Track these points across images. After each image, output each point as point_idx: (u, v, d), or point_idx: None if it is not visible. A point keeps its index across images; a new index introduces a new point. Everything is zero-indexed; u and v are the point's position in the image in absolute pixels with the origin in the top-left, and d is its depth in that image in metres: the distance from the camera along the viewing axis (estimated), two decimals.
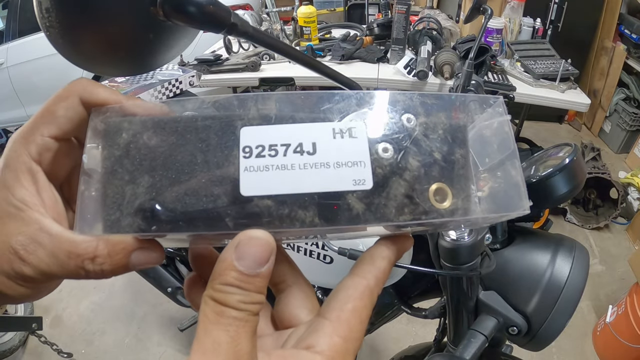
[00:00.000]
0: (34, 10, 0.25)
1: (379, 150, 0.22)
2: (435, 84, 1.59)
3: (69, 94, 0.22)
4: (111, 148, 0.21)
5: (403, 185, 0.22)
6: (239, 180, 0.20)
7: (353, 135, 0.22)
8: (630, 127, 2.56)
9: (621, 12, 2.58)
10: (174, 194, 0.20)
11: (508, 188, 0.24)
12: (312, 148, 0.21)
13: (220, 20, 0.30)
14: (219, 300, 0.19)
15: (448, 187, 0.23)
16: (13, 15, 2.98)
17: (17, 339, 1.57)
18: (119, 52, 0.29)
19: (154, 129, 0.21)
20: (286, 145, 0.21)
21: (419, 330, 1.63)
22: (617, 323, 1.44)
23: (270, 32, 1.89)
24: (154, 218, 0.20)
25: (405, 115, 0.23)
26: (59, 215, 0.23)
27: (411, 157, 0.22)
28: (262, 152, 0.21)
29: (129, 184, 0.21)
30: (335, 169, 0.21)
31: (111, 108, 0.22)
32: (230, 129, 0.21)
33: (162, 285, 1.30)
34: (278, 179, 0.21)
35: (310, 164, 0.21)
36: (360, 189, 0.21)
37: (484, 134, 0.25)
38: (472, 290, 0.55)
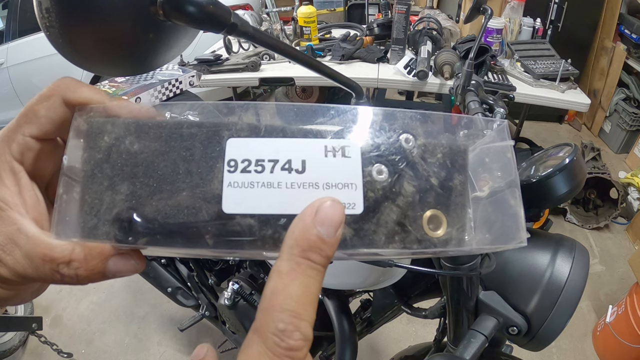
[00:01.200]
0: (34, 10, 0.25)
1: (372, 172, 0.20)
2: (435, 84, 1.59)
3: (51, 94, 0.22)
4: (92, 150, 0.20)
5: (395, 211, 0.20)
6: (222, 196, 0.19)
7: (346, 154, 0.20)
8: (630, 127, 2.56)
9: (621, 12, 2.58)
10: (153, 205, 0.19)
11: (506, 218, 0.23)
12: (301, 166, 0.20)
13: (220, 20, 0.30)
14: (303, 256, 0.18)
15: (443, 214, 0.21)
16: (13, 15, 2.99)
17: (17, 339, 1.57)
18: (119, 52, 0.29)
19: (137, 134, 0.20)
20: (274, 161, 0.20)
21: (419, 330, 1.63)
22: (617, 323, 1.44)
23: (270, 32, 1.89)
24: (131, 229, 0.19)
25: (404, 135, 0.21)
26: (40, 215, 0.22)
27: (406, 181, 0.21)
28: (247, 167, 0.20)
29: (107, 190, 0.20)
30: (324, 190, 0.20)
31: (95, 108, 0.22)
32: (217, 139, 0.20)
33: (162, 285, 1.30)
34: (263, 197, 0.19)
35: (298, 184, 0.20)
36: (349, 213, 0.20)
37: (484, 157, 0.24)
38: (472, 290, 0.55)
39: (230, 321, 1.05)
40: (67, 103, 0.22)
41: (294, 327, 0.17)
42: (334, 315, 0.82)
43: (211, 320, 1.29)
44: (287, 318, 0.17)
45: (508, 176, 0.23)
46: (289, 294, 0.18)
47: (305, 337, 0.17)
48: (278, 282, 0.18)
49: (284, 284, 0.18)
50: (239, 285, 0.95)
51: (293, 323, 0.17)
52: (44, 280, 0.21)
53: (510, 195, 0.23)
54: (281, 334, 0.17)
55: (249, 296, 0.94)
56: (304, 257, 0.18)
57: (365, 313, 0.97)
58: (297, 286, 0.18)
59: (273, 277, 0.18)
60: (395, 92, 3.35)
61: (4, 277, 0.21)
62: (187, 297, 1.30)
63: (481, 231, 0.22)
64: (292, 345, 0.17)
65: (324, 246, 0.18)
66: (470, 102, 0.74)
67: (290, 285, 0.18)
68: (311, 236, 0.18)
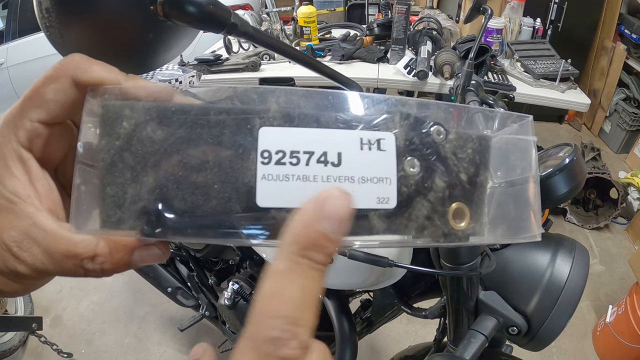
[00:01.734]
0: (34, 10, 0.25)
1: (405, 166, 0.20)
2: (435, 84, 1.59)
3: (59, 74, 0.20)
4: (110, 138, 0.19)
5: (426, 206, 0.20)
6: (256, 189, 0.18)
7: (382, 147, 0.20)
8: (630, 127, 2.56)
9: (621, 12, 2.58)
10: (182, 198, 0.18)
11: (522, 212, 0.22)
12: (337, 159, 0.19)
13: (220, 20, 0.30)
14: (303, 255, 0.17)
15: (467, 207, 0.21)
16: (13, 15, 2.98)
17: (17, 339, 1.57)
18: (119, 51, 0.29)
19: (159, 119, 0.19)
20: (309, 153, 0.19)
21: (419, 330, 1.63)
22: (617, 323, 1.44)
23: (270, 32, 1.89)
24: (158, 222, 0.18)
25: (435, 127, 0.21)
26: (54, 204, 0.21)
27: (437, 176, 0.21)
28: (282, 159, 0.19)
29: (131, 182, 0.19)
30: (359, 184, 0.19)
31: (110, 89, 0.20)
32: (248, 127, 0.19)
33: (162, 285, 1.30)
34: (299, 190, 0.19)
35: (334, 177, 0.19)
36: (383, 208, 0.19)
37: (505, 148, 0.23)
38: (472, 290, 0.55)
39: (230, 321, 1.05)
40: (77, 84, 0.20)
41: (291, 335, 0.15)
42: (334, 315, 0.82)
43: (211, 320, 1.29)
44: (282, 325, 0.15)
45: (528, 171, 0.23)
46: (285, 298, 0.16)
47: (303, 346, 0.16)
48: (274, 284, 0.16)
49: (281, 287, 0.16)
50: (239, 285, 0.95)
51: (290, 331, 0.15)
52: (66, 275, 0.20)
53: (527, 190, 0.23)
54: (276, 342, 0.15)
55: (249, 296, 0.94)
56: (304, 256, 0.16)
57: (365, 313, 0.97)
58: (295, 289, 0.16)
59: (268, 278, 0.16)
60: (395, 92, 3.35)
61: (22, 273, 0.20)
62: (187, 297, 1.30)
63: (497, 224, 0.22)
64: (288, 355, 0.15)
65: (327, 243, 0.17)
66: (470, 102, 0.74)
67: (288, 287, 0.16)
68: (313, 232, 0.16)
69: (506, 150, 0.23)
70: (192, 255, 1.23)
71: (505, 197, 0.23)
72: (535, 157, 0.23)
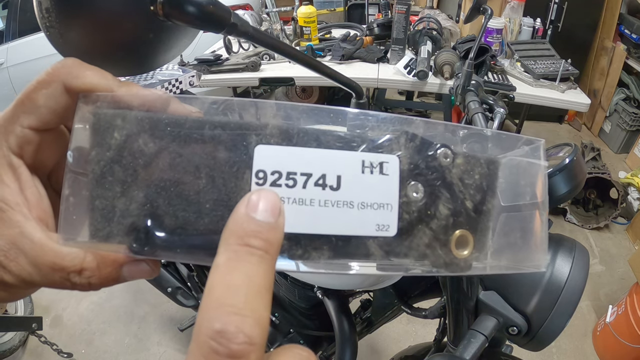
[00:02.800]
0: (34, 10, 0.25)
1: (408, 192, 0.19)
2: (435, 84, 1.59)
3: (51, 79, 0.19)
4: (101, 148, 0.18)
5: (428, 234, 0.19)
6: None
7: (384, 171, 0.19)
8: (630, 127, 2.56)
9: (621, 12, 2.58)
10: (173, 216, 0.18)
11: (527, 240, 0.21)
12: (336, 182, 0.18)
13: (220, 20, 0.30)
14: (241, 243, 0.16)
15: (471, 235, 0.20)
16: (13, 15, 2.98)
17: (17, 339, 1.57)
18: (119, 52, 0.29)
19: (151, 131, 0.18)
20: (307, 175, 0.18)
21: (419, 330, 1.63)
22: (617, 323, 1.44)
23: (270, 32, 1.89)
24: (147, 240, 0.18)
25: (443, 149, 0.20)
26: (44, 213, 0.20)
27: (442, 203, 0.19)
28: (278, 180, 0.18)
29: (120, 196, 0.18)
30: (359, 210, 0.18)
31: (102, 96, 0.19)
32: (244, 144, 0.18)
33: (162, 285, 1.30)
34: (295, 214, 0.18)
35: (332, 202, 0.18)
36: (382, 235, 0.19)
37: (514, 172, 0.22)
38: (472, 290, 0.55)
39: None
40: (69, 90, 0.19)
41: (235, 327, 0.14)
42: (334, 315, 0.82)
43: None
44: (224, 316, 0.14)
45: (535, 198, 0.22)
46: (226, 285, 0.14)
47: (251, 340, 0.14)
48: (214, 277, 0.15)
49: (221, 276, 0.15)
50: None
51: (233, 322, 0.14)
52: (52, 287, 0.20)
53: (535, 217, 0.21)
54: (219, 336, 0.13)
55: None
56: (241, 244, 0.15)
57: (365, 313, 0.97)
58: (236, 276, 0.15)
59: (210, 274, 0.15)
60: (395, 92, 3.35)
61: (7, 282, 0.19)
62: (187, 297, 1.30)
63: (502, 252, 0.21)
64: (234, 351, 0.13)
65: (262, 229, 0.16)
66: (470, 102, 0.74)
67: (229, 276, 0.15)
68: (246, 222, 0.16)
69: (515, 173, 0.22)
70: None
71: (511, 223, 0.22)
72: (545, 184, 0.22)
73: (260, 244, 0.16)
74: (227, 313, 0.14)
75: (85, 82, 0.19)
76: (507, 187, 0.22)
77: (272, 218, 0.16)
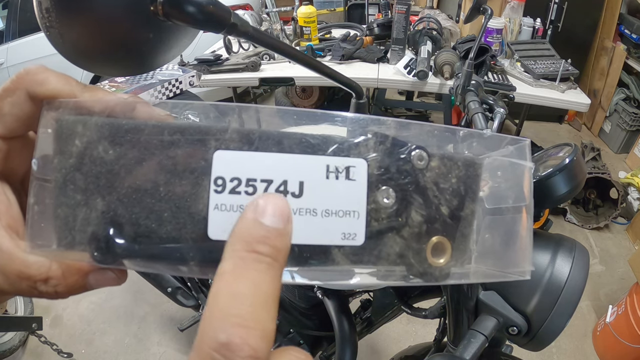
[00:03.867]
0: (34, 10, 0.25)
1: (378, 198, 0.18)
2: (435, 84, 1.59)
3: (16, 87, 0.19)
4: (63, 156, 0.18)
5: (399, 243, 0.18)
6: (208, 220, 0.17)
7: (351, 176, 0.18)
8: (630, 127, 2.56)
9: (621, 12, 2.58)
10: (133, 225, 0.17)
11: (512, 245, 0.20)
12: (298, 189, 0.17)
13: (220, 20, 0.30)
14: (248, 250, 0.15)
15: (449, 242, 0.19)
16: (13, 15, 2.98)
17: (17, 339, 1.57)
18: (119, 52, 0.29)
19: (111, 138, 0.17)
20: (267, 182, 0.17)
21: (419, 330, 1.63)
22: (617, 323, 1.44)
23: (270, 32, 1.89)
24: (108, 250, 0.17)
25: (417, 152, 0.19)
26: (13, 220, 0.20)
27: (414, 209, 0.18)
28: (237, 188, 0.17)
29: (82, 205, 0.17)
30: (322, 218, 0.17)
31: (65, 102, 0.19)
32: (203, 149, 0.17)
33: (162, 285, 1.30)
34: None
35: (293, 209, 0.17)
36: (349, 245, 0.18)
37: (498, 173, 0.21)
38: (472, 290, 0.55)
39: None
40: (33, 97, 0.19)
41: (241, 339, 0.13)
42: (334, 315, 0.82)
43: None
44: (230, 327, 0.13)
45: (521, 201, 0.21)
46: (233, 294, 0.14)
47: (257, 353, 0.13)
48: (220, 285, 0.14)
49: (227, 285, 0.14)
50: None
51: (239, 334, 0.13)
52: (20, 294, 0.20)
53: (519, 221, 0.20)
54: (224, 348, 0.13)
55: None
56: (249, 251, 0.15)
57: (365, 313, 0.97)
58: (243, 285, 0.14)
59: (215, 281, 0.15)
60: (395, 92, 3.35)
61: None
62: (187, 297, 1.30)
63: (484, 259, 0.20)
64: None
65: (271, 235, 0.15)
66: (470, 102, 0.74)
67: (235, 284, 0.14)
68: (255, 228, 0.15)
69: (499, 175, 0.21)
70: None
71: (494, 227, 0.21)
72: (530, 186, 0.21)
73: (268, 251, 0.15)
74: (232, 324, 0.13)
75: (49, 89, 0.19)
76: (490, 189, 0.21)
77: (281, 224, 0.16)
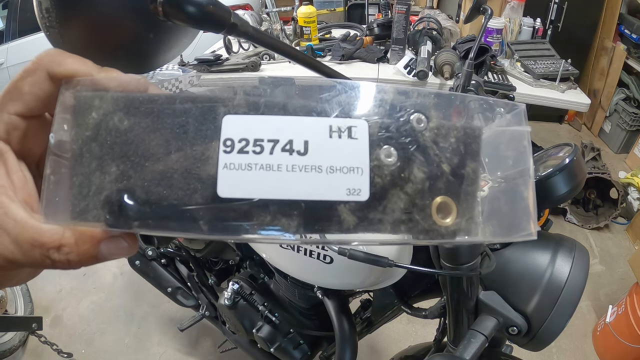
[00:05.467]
0: (34, 10, 0.25)
1: (380, 155, 0.19)
2: (435, 84, 1.59)
3: (36, 68, 0.20)
4: (80, 128, 0.19)
5: (403, 199, 0.19)
6: (217, 179, 0.18)
7: (353, 135, 0.19)
8: (630, 127, 2.56)
9: (621, 12, 2.58)
10: (144, 188, 0.18)
11: (516, 209, 0.21)
12: (303, 147, 0.18)
13: (220, 20, 0.30)
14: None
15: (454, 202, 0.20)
16: (13, 15, 2.98)
17: (17, 339, 1.57)
18: (119, 51, 0.29)
19: (126, 109, 0.19)
20: (274, 142, 0.18)
21: (419, 330, 1.63)
22: (617, 323, 1.44)
23: (270, 32, 1.89)
24: (122, 212, 0.18)
25: (416, 115, 0.20)
26: (29, 196, 0.21)
27: (416, 167, 0.19)
28: (245, 148, 0.18)
29: (96, 171, 0.19)
30: (327, 174, 0.18)
31: (82, 81, 0.20)
32: (212, 115, 0.18)
33: (162, 285, 1.30)
34: (262, 181, 0.18)
35: (299, 167, 0.18)
36: (354, 200, 0.18)
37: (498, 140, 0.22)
38: (472, 290, 0.55)
39: (230, 321, 1.05)
40: (52, 77, 0.20)
41: None
42: (334, 315, 0.82)
43: (211, 320, 1.29)
44: None
45: (522, 164, 0.21)
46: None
47: None
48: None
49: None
50: (239, 285, 0.95)
51: None
52: (34, 265, 0.20)
53: (522, 185, 0.21)
54: None
55: (249, 296, 0.94)
56: None
57: (365, 313, 0.97)
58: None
59: None
60: None
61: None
62: (187, 297, 1.30)
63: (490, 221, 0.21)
64: None
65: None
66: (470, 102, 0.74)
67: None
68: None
69: (498, 142, 0.22)
70: (192, 255, 1.23)
71: (498, 192, 0.22)
72: (530, 149, 0.22)
73: None
74: None
75: (67, 69, 0.20)
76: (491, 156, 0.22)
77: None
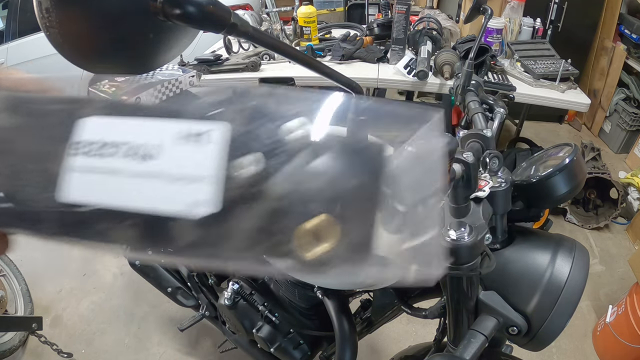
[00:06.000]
0: (34, 10, 0.25)
1: (239, 164, 0.16)
2: (435, 84, 1.59)
3: None
4: None
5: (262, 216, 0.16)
6: (62, 182, 0.17)
7: (210, 140, 0.17)
8: (630, 127, 2.56)
9: (621, 12, 2.58)
10: (3, 186, 0.18)
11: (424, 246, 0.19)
12: (149, 152, 0.17)
13: (220, 20, 0.30)
14: None
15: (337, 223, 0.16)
16: (13, 15, 2.98)
17: (17, 339, 1.57)
18: (119, 52, 0.29)
19: (13, 109, 0.19)
20: (120, 145, 0.17)
21: (419, 330, 1.63)
22: (617, 323, 1.44)
23: (270, 32, 1.89)
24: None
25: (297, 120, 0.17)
26: None
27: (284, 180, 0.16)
28: (91, 150, 0.17)
29: None
30: (169, 183, 0.16)
31: None
32: (72, 117, 0.18)
33: (162, 285, 1.30)
34: (101, 186, 0.17)
35: (140, 173, 0.17)
36: (198, 214, 0.16)
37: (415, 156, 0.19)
38: (472, 290, 0.55)
39: (230, 321, 1.05)
40: None
41: None
42: (334, 315, 0.82)
43: (211, 320, 1.29)
44: None
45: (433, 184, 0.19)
46: None
47: None
48: None
49: None
50: (239, 285, 0.95)
51: None
52: None
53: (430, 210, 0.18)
54: None
55: (249, 296, 0.94)
56: None
57: (365, 313, 0.97)
58: None
59: None
60: (395, 92, 3.35)
61: None
62: (187, 297, 1.30)
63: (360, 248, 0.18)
64: None
65: None
66: (470, 102, 0.74)
67: None
68: None
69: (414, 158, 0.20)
70: None
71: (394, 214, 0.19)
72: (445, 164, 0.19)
73: None
74: None
75: None
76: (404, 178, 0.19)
77: None
